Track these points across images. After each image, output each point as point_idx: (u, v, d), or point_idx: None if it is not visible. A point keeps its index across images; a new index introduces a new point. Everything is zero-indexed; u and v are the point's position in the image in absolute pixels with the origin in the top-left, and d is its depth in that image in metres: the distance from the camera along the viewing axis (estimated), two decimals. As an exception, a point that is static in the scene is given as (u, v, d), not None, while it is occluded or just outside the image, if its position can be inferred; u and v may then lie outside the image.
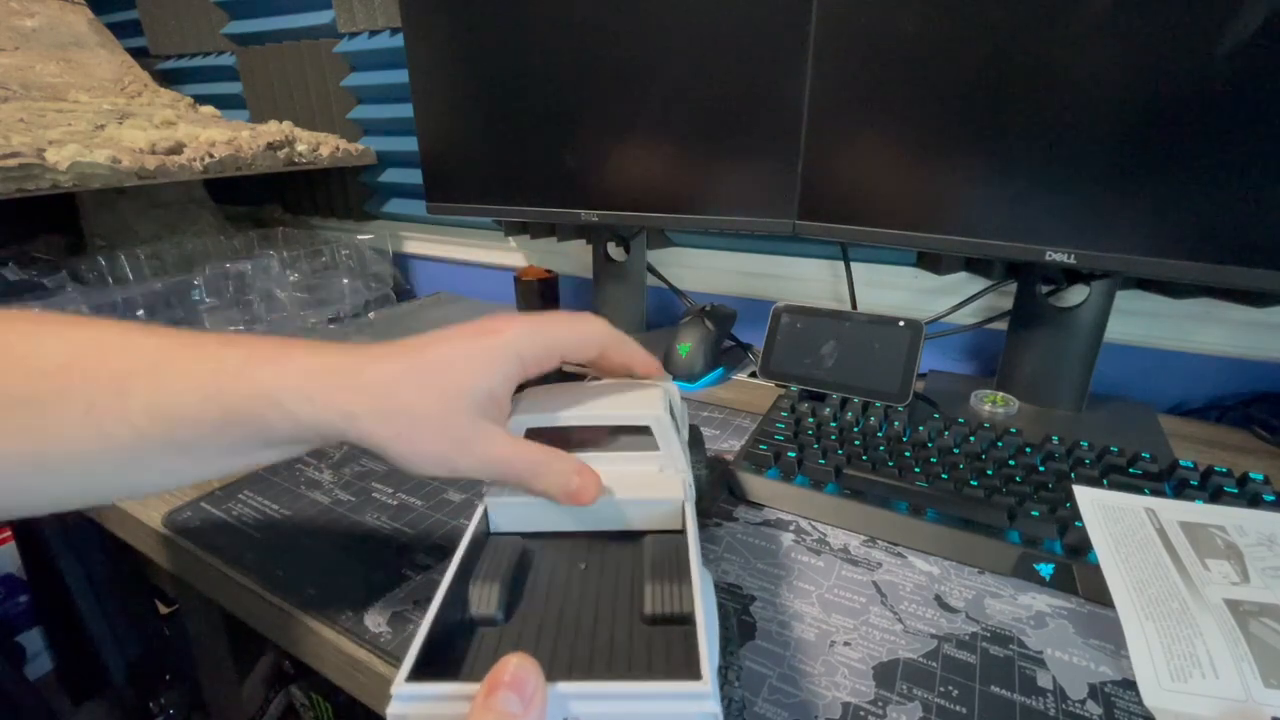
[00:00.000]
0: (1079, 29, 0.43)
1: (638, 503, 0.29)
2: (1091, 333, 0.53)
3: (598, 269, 0.77)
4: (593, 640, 0.23)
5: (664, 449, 0.31)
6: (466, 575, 0.25)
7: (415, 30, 0.72)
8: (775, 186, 0.58)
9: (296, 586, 0.38)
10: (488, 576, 0.25)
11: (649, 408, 0.31)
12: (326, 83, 1.01)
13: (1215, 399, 0.61)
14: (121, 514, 0.47)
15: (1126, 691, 0.30)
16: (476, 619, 0.24)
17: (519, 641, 0.23)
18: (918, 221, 0.53)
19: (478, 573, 0.25)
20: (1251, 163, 0.40)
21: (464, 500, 0.46)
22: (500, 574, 0.25)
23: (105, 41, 1.04)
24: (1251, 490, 0.40)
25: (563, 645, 0.22)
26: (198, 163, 0.76)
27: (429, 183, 0.79)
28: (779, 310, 0.61)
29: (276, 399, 0.25)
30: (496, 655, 0.21)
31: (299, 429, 0.25)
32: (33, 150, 0.63)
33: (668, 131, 0.61)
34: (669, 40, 0.58)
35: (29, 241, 0.90)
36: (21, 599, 1.06)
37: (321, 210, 1.14)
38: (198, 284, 0.76)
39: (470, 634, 0.23)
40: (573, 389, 0.36)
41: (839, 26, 0.51)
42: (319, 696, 0.83)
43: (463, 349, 0.28)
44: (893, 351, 0.55)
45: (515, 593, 0.25)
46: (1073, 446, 0.46)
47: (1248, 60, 0.39)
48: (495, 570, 0.25)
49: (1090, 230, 0.46)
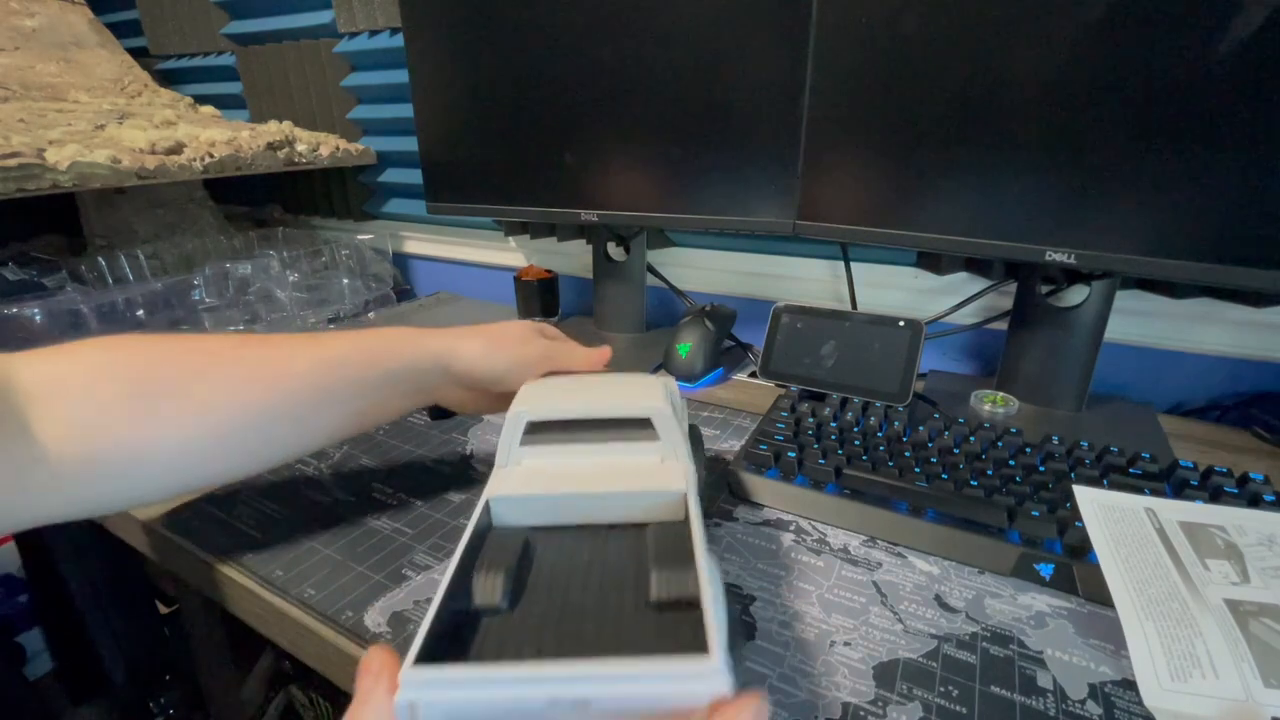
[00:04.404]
0: (1079, 28, 0.43)
1: (640, 494, 0.29)
2: (1091, 333, 0.53)
3: (598, 269, 0.77)
4: (599, 626, 0.22)
5: (665, 440, 0.31)
6: (469, 567, 0.25)
7: (415, 30, 0.72)
8: (775, 186, 0.58)
9: (296, 586, 0.38)
10: (491, 566, 0.24)
11: (650, 400, 0.32)
12: (326, 83, 1.01)
13: (1215, 399, 0.61)
14: (122, 515, 0.47)
15: (1126, 691, 0.30)
16: (481, 609, 0.23)
17: (523, 629, 0.22)
18: (918, 221, 0.53)
19: (481, 563, 0.25)
20: (1251, 162, 0.40)
21: (464, 500, 0.46)
22: (504, 563, 0.25)
23: (105, 41, 1.04)
24: (1251, 490, 0.40)
25: (569, 632, 0.22)
26: (198, 163, 0.76)
27: (429, 183, 0.79)
28: (779, 310, 0.61)
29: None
30: (501, 644, 0.21)
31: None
32: (33, 150, 0.63)
33: (668, 131, 0.61)
34: (669, 40, 0.58)
35: (29, 241, 0.90)
36: (21, 599, 1.06)
37: (321, 210, 1.14)
38: (198, 284, 0.76)
39: (475, 624, 0.23)
40: (573, 382, 0.36)
41: (839, 27, 0.51)
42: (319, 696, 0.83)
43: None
44: (893, 351, 0.55)
45: (519, 582, 0.25)
46: (1073, 446, 0.46)
47: (1248, 60, 0.39)
48: (499, 560, 0.25)
49: (1090, 230, 0.46)
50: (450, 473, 0.50)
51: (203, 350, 0.36)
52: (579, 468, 0.31)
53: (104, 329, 0.65)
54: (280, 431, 0.37)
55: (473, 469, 0.51)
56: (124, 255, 0.77)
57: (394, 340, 0.40)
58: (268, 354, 0.37)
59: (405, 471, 0.50)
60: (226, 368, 0.36)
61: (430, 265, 1.08)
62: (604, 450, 0.31)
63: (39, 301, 0.62)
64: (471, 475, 0.50)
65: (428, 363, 0.40)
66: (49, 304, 0.62)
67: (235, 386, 0.36)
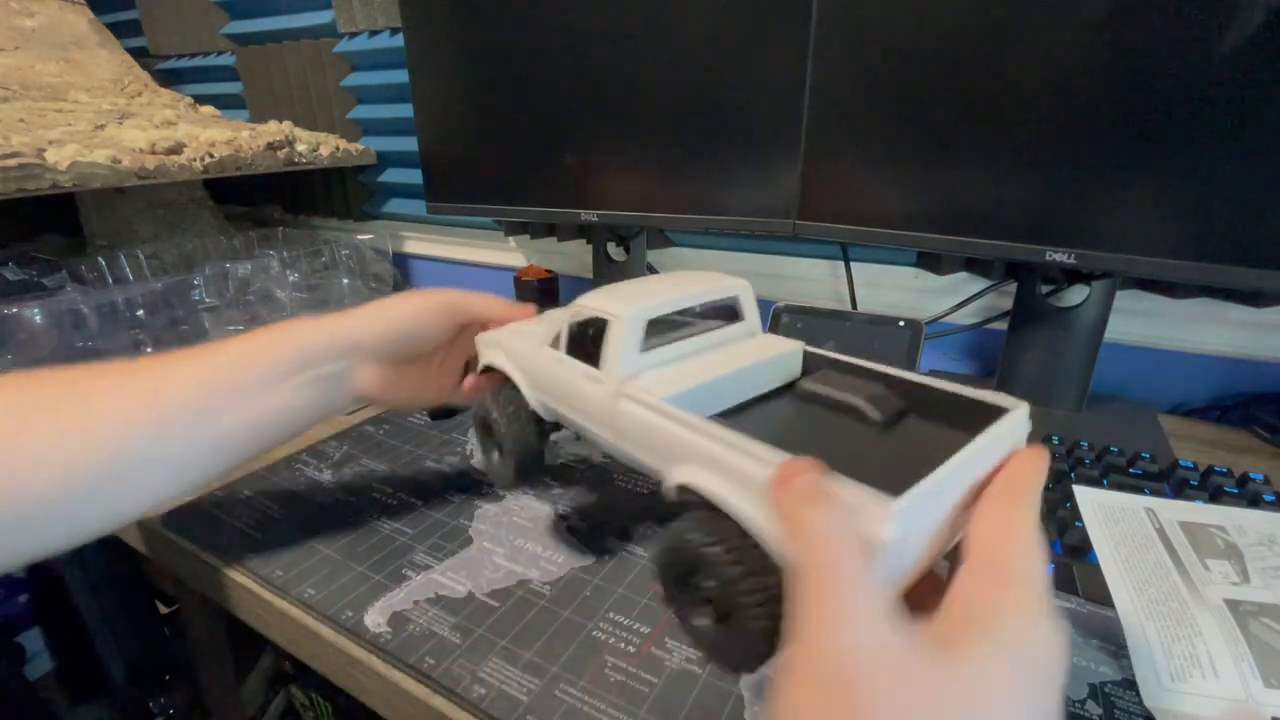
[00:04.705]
0: (1080, 28, 0.43)
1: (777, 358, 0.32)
2: (1091, 333, 0.53)
3: (598, 269, 0.77)
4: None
5: (749, 318, 0.34)
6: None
7: (415, 30, 0.72)
8: (775, 186, 0.58)
9: (296, 586, 0.38)
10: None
11: (730, 281, 0.34)
12: (326, 83, 1.01)
13: (1215, 399, 0.61)
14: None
15: (1126, 691, 0.30)
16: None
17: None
18: (918, 221, 0.53)
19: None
20: (1252, 162, 0.40)
21: (464, 500, 0.46)
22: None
23: (105, 41, 1.04)
24: (1251, 490, 0.40)
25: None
26: (198, 163, 0.76)
27: (429, 183, 0.79)
28: (779, 310, 0.61)
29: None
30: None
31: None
32: (33, 150, 0.63)
33: (668, 131, 0.61)
34: (669, 39, 0.58)
35: (29, 241, 0.90)
36: (21, 599, 1.06)
37: (321, 210, 1.14)
38: (198, 284, 0.76)
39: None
40: (645, 283, 0.35)
41: (839, 27, 0.51)
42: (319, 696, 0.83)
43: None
44: (893, 351, 0.55)
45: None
46: (1073, 446, 0.46)
47: (1248, 59, 0.39)
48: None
49: (1090, 230, 0.46)
50: (450, 473, 0.50)
51: (78, 373, 0.34)
52: (709, 356, 0.32)
53: (104, 329, 0.65)
54: (173, 452, 0.34)
55: (473, 469, 0.51)
56: (124, 255, 0.77)
57: (290, 329, 0.38)
58: (154, 367, 0.35)
59: (405, 471, 0.50)
60: (107, 388, 0.33)
61: (430, 265, 1.08)
62: (711, 339, 0.33)
63: (39, 301, 0.62)
64: (471, 475, 0.50)
65: (329, 343, 0.38)
66: (49, 304, 0.62)
67: (116, 404, 0.33)
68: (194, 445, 0.35)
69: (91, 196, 0.86)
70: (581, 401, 0.32)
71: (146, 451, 0.33)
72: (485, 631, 0.35)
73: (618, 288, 0.34)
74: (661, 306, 0.30)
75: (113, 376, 0.34)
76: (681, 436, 0.25)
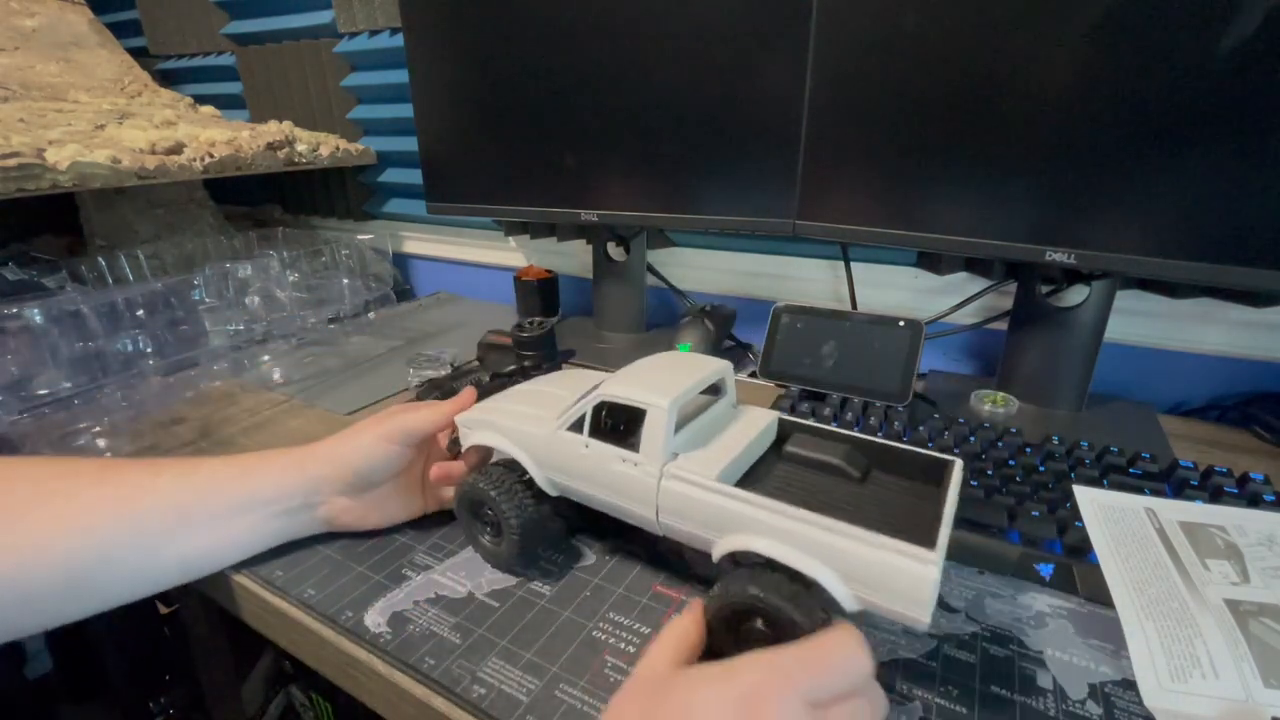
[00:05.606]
0: (1080, 28, 0.43)
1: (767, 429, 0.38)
2: (1091, 333, 0.53)
3: (598, 269, 0.77)
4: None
5: (730, 393, 0.39)
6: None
7: (415, 30, 0.72)
8: (775, 186, 0.58)
9: (296, 587, 0.38)
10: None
11: (716, 363, 0.38)
12: (326, 83, 1.01)
13: (1215, 399, 0.61)
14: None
15: (1126, 691, 0.30)
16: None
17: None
18: (918, 221, 0.53)
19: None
20: (1251, 163, 0.40)
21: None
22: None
23: (105, 41, 1.04)
24: (1251, 490, 0.40)
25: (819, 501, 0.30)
26: (198, 163, 0.76)
27: (429, 183, 0.79)
28: (779, 310, 0.61)
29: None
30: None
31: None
32: (33, 150, 0.63)
33: (668, 131, 0.61)
34: (669, 40, 0.58)
35: (29, 241, 0.90)
36: (21, 599, 1.06)
37: (321, 210, 1.14)
38: (198, 284, 0.76)
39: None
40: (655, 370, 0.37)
41: (839, 26, 0.51)
42: (319, 696, 0.83)
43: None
44: (893, 351, 0.55)
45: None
46: (1073, 446, 0.46)
47: (1247, 60, 0.39)
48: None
49: (1090, 230, 0.46)
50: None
51: (49, 471, 0.35)
52: (726, 433, 0.36)
53: (104, 329, 0.65)
54: (132, 560, 0.35)
55: (473, 469, 0.50)
56: (124, 255, 0.77)
57: (264, 461, 0.39)
58: (126, 473, 0.36)
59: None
60: (73, 489, 0.34)
61: (430, 265, 1.08)
62: (712, 414, 0.37)
63: (39, 301, 0.62)
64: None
65: (300, 480, 0.39)
66: (49, 304, 0.62)
67: (80, 508, 0.34)
68: (160, 558, 0.37)
69: (91, 196, 0.86)
70: (613, 480, 0.34)
71: (123, 553, 0.35)
72: (485, 631, 0.35)
73: (635, 374, 0.36)
74: (687, 393, 0.34)
75: (90, 476, 0.36)
76: (735, 510, 0.30)
